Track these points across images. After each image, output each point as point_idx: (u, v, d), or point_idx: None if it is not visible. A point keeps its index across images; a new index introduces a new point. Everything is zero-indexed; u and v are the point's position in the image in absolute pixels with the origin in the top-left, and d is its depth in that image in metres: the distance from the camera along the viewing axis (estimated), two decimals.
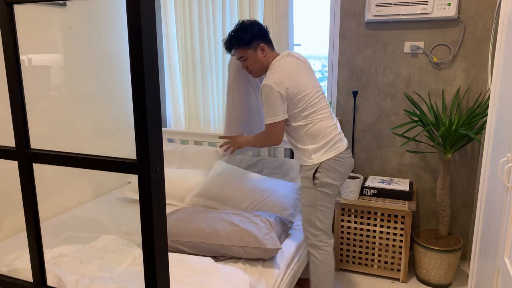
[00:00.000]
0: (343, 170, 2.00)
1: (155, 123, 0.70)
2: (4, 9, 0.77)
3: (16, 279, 0.94)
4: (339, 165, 1.98)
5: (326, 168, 1.95)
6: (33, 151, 0.83)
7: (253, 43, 1.96)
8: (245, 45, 1.97)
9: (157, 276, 0.75)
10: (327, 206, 2.00)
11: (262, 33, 1.99)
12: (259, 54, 1.98)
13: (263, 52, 1.98)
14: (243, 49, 1.98)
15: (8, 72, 0.81)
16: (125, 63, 2.99)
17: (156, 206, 0.73)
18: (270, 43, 2.03)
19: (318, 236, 2.02)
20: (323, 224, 2.01)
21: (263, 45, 1.98)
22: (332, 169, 1.96)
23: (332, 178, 1.96)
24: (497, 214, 1.57)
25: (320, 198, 1.98)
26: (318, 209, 1.99)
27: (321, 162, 1.95)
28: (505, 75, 1.60)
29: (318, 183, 1.96)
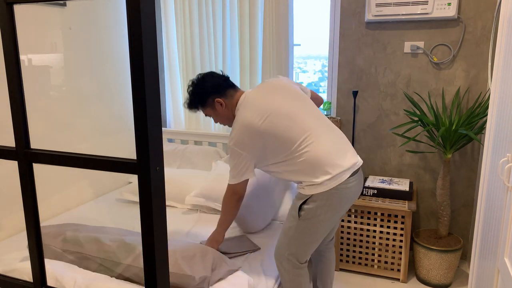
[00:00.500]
0: (342, 201, 1.71)
1: (155, 123, 0.70)
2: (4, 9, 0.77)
3: (16, 279, 0.94)
4: (337, 196, 1.69)
5: (319, 199, 1.69)
6: (33, 151, 0.83)
7: (208, 101, 1.85)
8: (201, 106, 1.88)
9: (157, 276, 0.75)
10: (309, 241, 1.74)
11: (214, 87, 1.85)
12: (218, 109, 1.86)
13: (222, 105, 1.85)
14: (202, 108, 1.90)
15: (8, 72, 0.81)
16: (125, 63, 2.99)
17: (156, 206, 0.73)
18: (227, 90, 1.86)
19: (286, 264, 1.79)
20: (298, 256, 1.77)
21: (218, 99, 1.84)
22: (326, 201, 1.69)
23: (325, 211, 1.69)
24: (497, 214, 1.57)
25: (301, 230, 1.73)
26: (292, 243, 1.75)
27: (312, 194, 1.70)
28: (505, 75, 1.60)
29: (304, 215, 1.71)
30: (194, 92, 1.87)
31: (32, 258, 0.89)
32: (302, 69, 3.75)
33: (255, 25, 2.84)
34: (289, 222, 1.77)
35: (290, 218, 1.77)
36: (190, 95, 1.88)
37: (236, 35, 2.94)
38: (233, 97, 1.87)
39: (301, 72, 3.76)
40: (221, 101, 1.84)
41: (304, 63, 3.75)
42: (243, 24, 2.89)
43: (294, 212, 1.75)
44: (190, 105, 1.90)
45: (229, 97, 1.86)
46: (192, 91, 1.88)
